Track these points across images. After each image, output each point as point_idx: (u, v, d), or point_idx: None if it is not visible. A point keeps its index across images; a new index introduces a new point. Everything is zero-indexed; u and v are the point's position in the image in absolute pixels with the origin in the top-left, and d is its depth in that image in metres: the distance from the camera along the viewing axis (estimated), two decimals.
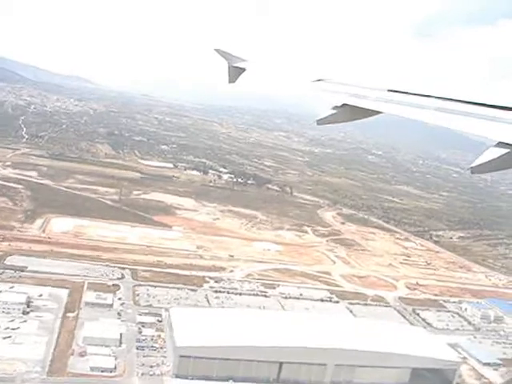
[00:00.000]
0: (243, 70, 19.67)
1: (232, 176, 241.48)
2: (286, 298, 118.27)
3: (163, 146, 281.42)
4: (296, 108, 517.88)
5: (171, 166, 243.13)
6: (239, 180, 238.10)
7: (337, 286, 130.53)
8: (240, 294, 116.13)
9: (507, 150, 8.93)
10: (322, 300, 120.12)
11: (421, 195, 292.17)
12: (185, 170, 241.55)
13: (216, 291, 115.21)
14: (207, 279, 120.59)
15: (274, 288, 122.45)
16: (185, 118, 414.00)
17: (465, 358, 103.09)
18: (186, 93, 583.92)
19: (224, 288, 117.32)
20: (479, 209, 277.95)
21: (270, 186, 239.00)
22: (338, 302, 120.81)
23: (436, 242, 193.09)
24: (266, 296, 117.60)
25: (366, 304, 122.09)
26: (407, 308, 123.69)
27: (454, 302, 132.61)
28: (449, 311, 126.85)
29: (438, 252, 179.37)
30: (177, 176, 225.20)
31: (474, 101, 10.90)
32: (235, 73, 19.87)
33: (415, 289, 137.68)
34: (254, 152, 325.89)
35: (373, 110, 13.02)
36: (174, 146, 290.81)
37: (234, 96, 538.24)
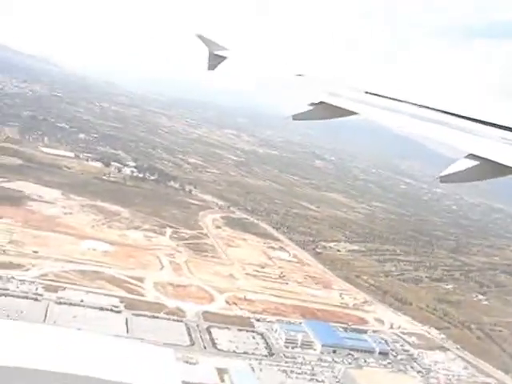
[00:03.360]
0: (224, 58, 19.02)
1: (134, 170, 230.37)
2: (60, 303, 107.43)
3: (81, 135, 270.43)
4: (269, 107, 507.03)
5: (72, 155, 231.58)
6: (140, 175, 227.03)
7: (138, 294, 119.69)
8: (5, 296, 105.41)
9: (477, 163, 9.15)
10: (102, 309, 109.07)
11: (346, 204, 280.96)
12: (86, 160, 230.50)
13: None
14: None
15: (56, 292, 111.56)
16: (134, 109, 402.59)
17: None
18: (157, 83, 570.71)
19: None
20: (402, 222, 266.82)
21: (172, 183, 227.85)
22: (120, 312, 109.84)
23: (317, 254, 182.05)
24: (36, 299, 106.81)
25: (153, 317, 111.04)
26: (202, 325, 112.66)
27: (270, 322, 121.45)
28: (254, 331, 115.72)
29: (306, 265, 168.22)
30: (69, 166, 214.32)
31: (450, 111, 10.95)
32: (215, 61, 19.24)
33: (234, 304, 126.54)
34: (185, 148, 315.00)
35: (348, 110, 12.93)
36: (96, 135, 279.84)
37: (209, 91, 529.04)
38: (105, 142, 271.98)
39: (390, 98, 12.64)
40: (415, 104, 11.86)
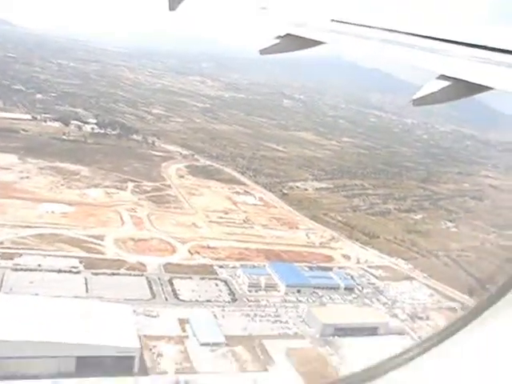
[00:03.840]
0: None
1: (95, 127, 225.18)
2: (16, 270, 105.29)
3: (39, 96, 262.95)
4: (234, 50, 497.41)
5: (29, 117, 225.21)
6: (101, 131, 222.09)
7: (98, 252, 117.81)
8: None
9: (448, 83, 9.11)
10: (60, 271, 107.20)
11: (315, 142, 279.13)
12: (45, 121, 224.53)
13: None
14: None
15: (12, 259, 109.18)
16: (93, 64, 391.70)
17: (186, 336, 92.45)
18: (117, 35, 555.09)
19: None
20: (371, 156, 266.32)
21: (135, 136, 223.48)
22: (79, 272, 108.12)
23: (283, 195, 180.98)
24: None
25: (113, 274, 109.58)
26: (164, 277, 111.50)
27: (233, 268, 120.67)
28: (216, 279, 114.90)
29: (272, 207, 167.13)
30: (26, 129, 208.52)
31: (421, 33, 10.72)
32: (176, 1, 17.70)
33: (197, 253, 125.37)
34: (149, 99, 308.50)
35: (315, 40, 12.71)
36: (54, 94, 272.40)
37: (171, 39, 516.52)
38: (64, 100, 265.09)
39: (358, 25, 12.28)
40: (383, 29, 11.51)
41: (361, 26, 12.27)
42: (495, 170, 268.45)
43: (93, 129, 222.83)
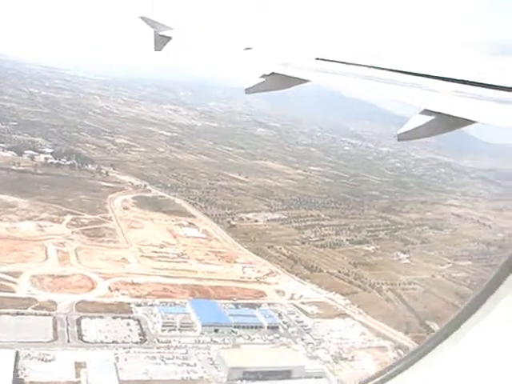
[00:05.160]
0: (169, 38, 19.12)
1: (49, 157, 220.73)
2: None
3: None
4: (215, 80, 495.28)
5: None
6: (55, 161, 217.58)
7: (9, 290, 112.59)
8: None
9: (432, 117, 9.36)
10: None
11: (280, 171, 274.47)
12: None
13: None
14: None
15: None
16: (67, 92, 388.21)
17: (78, 382, 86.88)
18: (99, 65, 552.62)
19: None
20: (336, 185, 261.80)
21: (90, 167, 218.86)
22: None
23: (230, 227, 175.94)
24: None
25: (17, 314, 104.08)
26: (73, 316, 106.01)
27: (152, 305, 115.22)
28: (130, 318, 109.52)
29: (214, 240, 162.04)
30: None
31: (401, 69, 11.14)
32: (161, 41, 19.23)
33: (117, 290, 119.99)
34: (115, 128, 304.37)
35: (299, 79, 13.12)
36: (15, 123, 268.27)
37: (153, 70, 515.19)
38: (24, 129, 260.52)
39: (341, 62, 12.70)
40: (366, 65, 11.90)
41: (345, 63, 12.56)
42: (463, 198, 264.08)
43: (46, 159, 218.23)
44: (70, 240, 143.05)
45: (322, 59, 13.44)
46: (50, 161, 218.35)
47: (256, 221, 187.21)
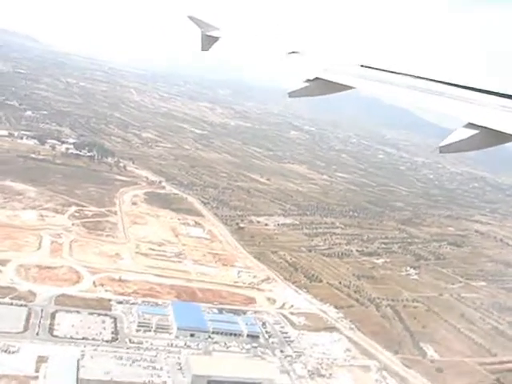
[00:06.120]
0: (217, 38, 19.45)
1: (70, 147, 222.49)
2: None
3: (28, 113, 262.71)
4: (259, 81, 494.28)
5: (6, 133, 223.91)
6: (74, 152, 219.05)
7: None
8: None
9: (476, 131, 9.24)
10: None
11: (305, 175, 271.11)
12: (21, 138, 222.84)
13: None
14: None
15: None
16: (105, 84, 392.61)
17: (36, 377, 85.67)
18: (147, 61, 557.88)
19: None
20: (360, 193, 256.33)
21: (110, 159, 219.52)
22: None
23: (238, 229, 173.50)
24: None
25: None
26: (49, 309, 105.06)
27: (133, 304, 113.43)
28: (106, 315, 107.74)
29: (217, 241, 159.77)
30: None
31: (448, 81, 11.04)
32: (208, 41, 19.67)
33: (101, 285, 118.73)
34: (145, 123, 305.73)
35: (344, 85, 13.03)
36: (45, 112, 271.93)
37: (200, 66, 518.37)
38: (53, 119, 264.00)
39: (386, 71, 12.65)
40: (411, 75, 11.82)
41: (389, 71, 12.50)
42: (491, 215, 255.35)
43: (67, 149, 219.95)
44: (68, 232, 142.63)
45: (366, 66, 13.47)
46: (70, 151, 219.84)
47: (266, 224, 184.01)
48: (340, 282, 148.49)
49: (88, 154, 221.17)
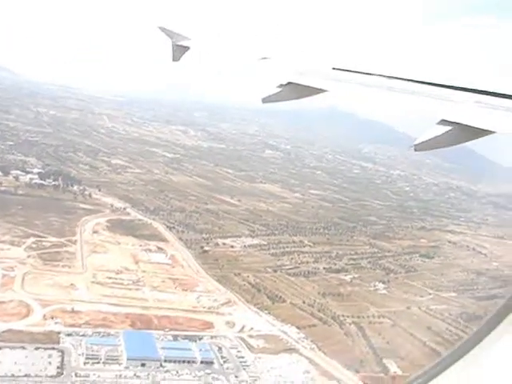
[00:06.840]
0: (187, 48, 19.26)
1: (34, 177, 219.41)
2: None
3: None
4: (230, 101, 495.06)
5: None
6: (39, 182, 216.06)
7: None
8: None
9: (449, 128, 9.28)
10: None
11: (277, 194, 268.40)
12: None
13: None
14: None
15: None
16: (74, 112, 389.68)
17: None
18: (120, 83, 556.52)
19: None
20: (333, 210, 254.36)
21: (75, 188, 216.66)
22: None
23: (202, 253, 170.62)
24: None
25: None
26: None
27: (83, 336, 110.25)
28: (54, 349, 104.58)
29: (179, 266, 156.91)
30: None
31: (421, 79, 11.16)
32: (179, 51, 19.44)
33: (52, 318, 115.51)
34: (115, 149, 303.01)
35: (316, 88, 13.18)
36: (11, 143, 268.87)
37: (172, 88, 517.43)
38: (19, 149, 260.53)
39: (359, 72, 12.80)
40: (383, 75, 11.95)
41: (361, 73, 12.73)
42: (465, 225, 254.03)
43: (31, 179, 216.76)
44: (22, 264, 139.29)
45: (338, 69, 13.48)
46: (34, 181, 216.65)
47: (232, 246, 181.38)
48: (304, 302, 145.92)
49: (53, 183, 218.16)
